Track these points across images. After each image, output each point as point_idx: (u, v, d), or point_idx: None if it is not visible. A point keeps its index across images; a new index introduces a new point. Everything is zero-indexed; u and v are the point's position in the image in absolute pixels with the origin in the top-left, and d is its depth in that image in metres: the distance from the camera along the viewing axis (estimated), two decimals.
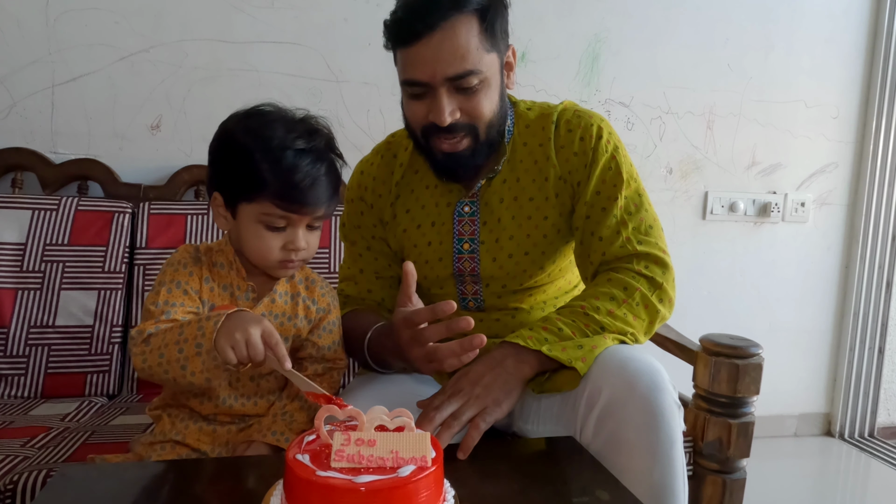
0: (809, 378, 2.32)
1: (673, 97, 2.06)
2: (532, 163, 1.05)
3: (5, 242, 1.45)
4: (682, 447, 0.88)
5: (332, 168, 0.93)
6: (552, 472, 0.83)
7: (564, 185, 1.04)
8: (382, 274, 1.15)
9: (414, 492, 0.58)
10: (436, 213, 1.08)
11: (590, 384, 0.88)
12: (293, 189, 0.87)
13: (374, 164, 1.16)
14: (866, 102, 2.20)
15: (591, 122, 1.04)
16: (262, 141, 0.87)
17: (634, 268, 0.98)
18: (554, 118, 1.05)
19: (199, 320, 0.82)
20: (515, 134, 1.07)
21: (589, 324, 0.95)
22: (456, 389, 0.88)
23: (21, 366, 1.41)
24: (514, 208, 1.05)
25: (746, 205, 2.16)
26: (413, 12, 0.93)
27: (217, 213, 0.94)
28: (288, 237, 0.90)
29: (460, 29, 0.92)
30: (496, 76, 0.98)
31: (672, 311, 1.02)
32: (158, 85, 1.71)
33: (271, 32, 1.75)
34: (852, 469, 2.17)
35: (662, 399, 0.85)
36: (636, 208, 1.02)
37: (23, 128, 1.65)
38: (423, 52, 0.92)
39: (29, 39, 1.63)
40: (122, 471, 0.78)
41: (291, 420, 0.93)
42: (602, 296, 0.96)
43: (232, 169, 0.90)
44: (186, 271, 0.92)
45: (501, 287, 1.07)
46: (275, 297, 0.97)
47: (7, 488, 0.96)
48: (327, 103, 1.80)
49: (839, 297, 2.30)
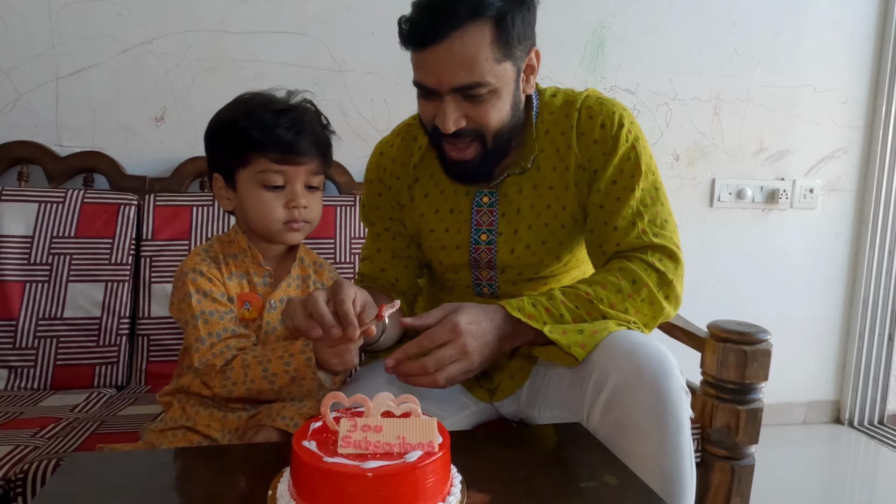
0: (818, 365, 2.31)
1: (679, 83, 2.04)
2: (554, 151, 1.03)
3: (12, 235, 1.46)
4: (690, 433, 0.87)
5: (319, 124, 0.96)
6: (559, 457, 0.83)
7: (584, 173, 1.02)
8: (399, 254, 1.14)
9: (421, 477, 0.58)
10: (454, 200, 1.07)
11: (597, 369, 0.88)
12: (281, 139, 0.90)
13: (394, 145, 1.14)
14: (875, 87, 2.17)
15: (614, 110, 1.02)
16: (244, 109, 0.92)
17: (648, 259, 0.97)
18: (578, 105, 1.03)
19: (282, 360, 0.87)
20: (538, 122, 1.04)
21: (591, 311, 0.94)
22: (463, 350, 0.86)
23: (30, 358, 1.42)
24: (534, 198, 1.04)
25: (754, 191, 2.14)
26: (425, 17, 0.90)
27: (220, 196, 0.97)
28: (288, 195, 0.93)
29: (470, 39, 0.89)
30: (509, 84, 0.95)
31: (678, 308, 1.01)
32: (162, 76, 1.70)
33: (274, 22, 1.74)
34: (861, 456, 2.16)
35: (670, 384, 0.84)
36: (652, 201, 1.01)
37: (28, 121, 1.65)
38: (430, 59, 0.91)
39: (32, 32, 1.63)
40: (131, 458, 0.79)
41: (301, 405, 0.93)
42: (609, 285, 0.96)
43: (223, 142, 0.94)
44: (205, 278, 0.93)
45: (517, 275, 1.07)
46: (290, 280, 0.99)
47: (17, 477, 0.97)
48: (331, 93, 1.79)
49: (848, 283, 2.28)
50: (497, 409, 1.10)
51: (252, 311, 0.95)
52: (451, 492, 0.61)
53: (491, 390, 1.08)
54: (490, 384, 1.08)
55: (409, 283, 1.15)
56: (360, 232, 1.64)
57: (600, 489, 0.72)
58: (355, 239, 1.63)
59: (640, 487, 0.72)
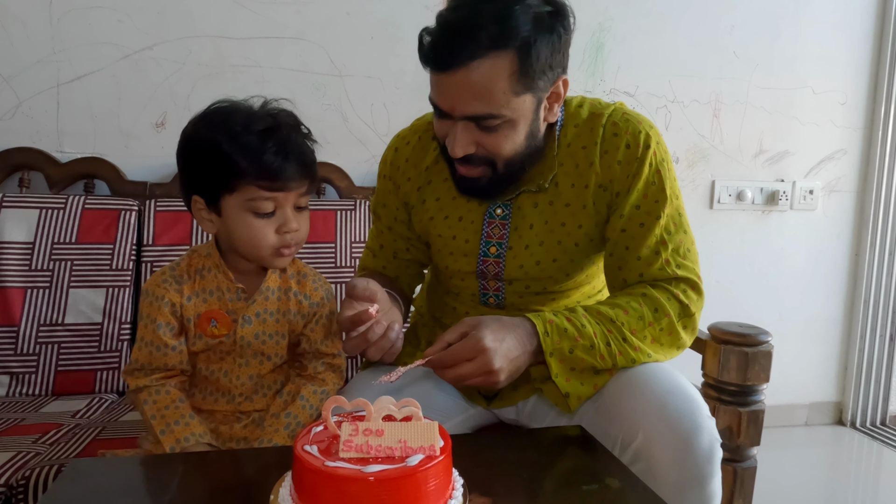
0: (820, 367, 2.31)
1: (678, 86, 2.04)
2: (574, 166, 0.99)
3: (14, 242, 1.46)
4: (720, 481, 0.87)
5: (303, 139, 0.92)
6: (561, 460, 0.83)
7: (604, 193, 0.98)
8: (400, 256, 1.14)
9: (423, 481, 0.58)
10: (466, 208, 1.03)
11: (626, 424, 0.86)
12: (270, 166, 0.87)
13: (410, 143, 1.10)
14: (874, 88, 2.18)
15: (640, 128, 0.97)
16: (226, 130, 0.87)
17: (672, 290, 0.95)
18: (604, 120, 0.98)
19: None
20: (562, 135, 1.00)
21: (612, 330, 0.92)
22: (487, 369, 0.85)
23: (32, 364, 1.42)
24: (549, 214, 1.00)
25: (754, 193, 2.14)
26: (445, 40, 0.85)
27: (201, 218, 0.93)
28: (279, 220, 0.90)
29: (489, 71, 0.84)
30: (526, 116, 0.90)
31: (693, 338, 1.00)
32: (162, 82, 1.71)
33: (274, 28, 1.75)
34: (864, 458, 2.16)
35: (701, 440, 0.83)
36: (676, 228, 0.98)
37: (29, 127, 1.66)
38: (446, 83, 0.87)
39: (33, 39, 1.63)
40: (133, 464, 0.79)
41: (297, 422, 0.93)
42: (632, 311, 0.93)
43: (205, 167, 0.89)
44: (157, 305, 0.93)
45: (525, 288, 1.04)
46: (267, 294, 0.96)
47: (19, 483, 0.97)
48: (331, 98, 1.80)
49: (849, 284, 2.28)
50: (496, 414, 1.10)
51: (220, 328, 0.93)
52: (452, 495, 0.61)
53: (488, 397, 1.07)
54: (488, 392, 1.06)
55: (409, 280, 1.17)
56: (360, 236, 1.64)
57: (602, 492, 0.72)
58: (356, 243, 1.63)
59: (641, 491, 0.72)
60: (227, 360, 0.95)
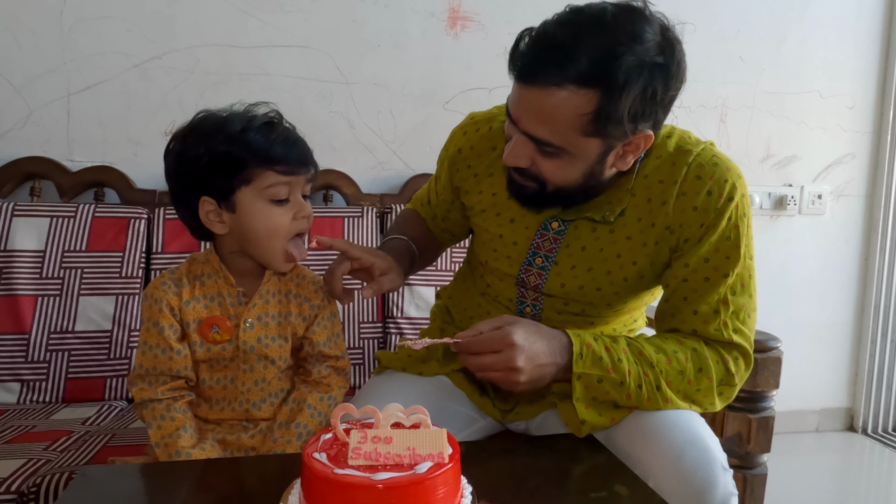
0: (830, 372, 2.29)
1: (685, 91, 2.02)
2: (645, 200, 0.93)
3: (25, 250, 1.48)
4: None
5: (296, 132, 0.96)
6: (569, 467, 0.83)
7: (670, 235, 0.92)
8: (429, 225, 1.19)
9: (431, 488, 0.58)
10: (521, 212, 0.99)
11: (637, 467, 0.83)
12: (281, 152, 0.90)
13: (480, 130, 1.06)
14: (882, 91, 2.17)
15: (727, 177, 0.91)
16: (228, 129, 0.90)
17: (724, 355, 0.91)
18: (690, 159, 0.92)
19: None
20: (641, 165, 0.94)
21: (648, 373, 0.89)
22: (510, 365, 0.83)
23: (42, 371, 1.43)
24: (606, 241, 0.95)
25: (762, 198, 2.13)
26: (534, 54, 0.81)
27: (210, 221, 0.92)
28: (293, 207, 0.93)
29: (563, 103, 0.80)
30: (588, 157, 0.85)
31: (724, 406, 0.96)
32: (171, 91, 1.72)
33: (281, 36, 1.76)
34: (875, 464, 2.14)
35: (716, 492, 0.82)
36: (742, 290, 0.92)
37: (40, 136, 1.67)
38: (520, 93, 0.84)
39: (44, 49, 1.65)
40: (143, 472, 0.79)
41: (308, 431, 0.93)
42: (675, 362, 0.89)
43: (214, 168, 0.90)
44: (157, 308, 0.93)
45: (563, 305, 1.00)
46: (267, 297, 0.96)
47: (30, 491, 0.97)
48: (338, 105, 1.80)
49: (859, 289, 2.26)
50: (507, 427, 1.08)
51: (223, 334, 0.93)
52: (461, 502, 0.61)
53: (504, 411, 1.05)
54: (505, 406, 1.05)
55: (427, 243, 1.18)
56: (367, 243, 1.64)
57: (611, 499, 0.72)
58: None
59: (650, 498, 0.72)
60: (232, 366, 0.95)
